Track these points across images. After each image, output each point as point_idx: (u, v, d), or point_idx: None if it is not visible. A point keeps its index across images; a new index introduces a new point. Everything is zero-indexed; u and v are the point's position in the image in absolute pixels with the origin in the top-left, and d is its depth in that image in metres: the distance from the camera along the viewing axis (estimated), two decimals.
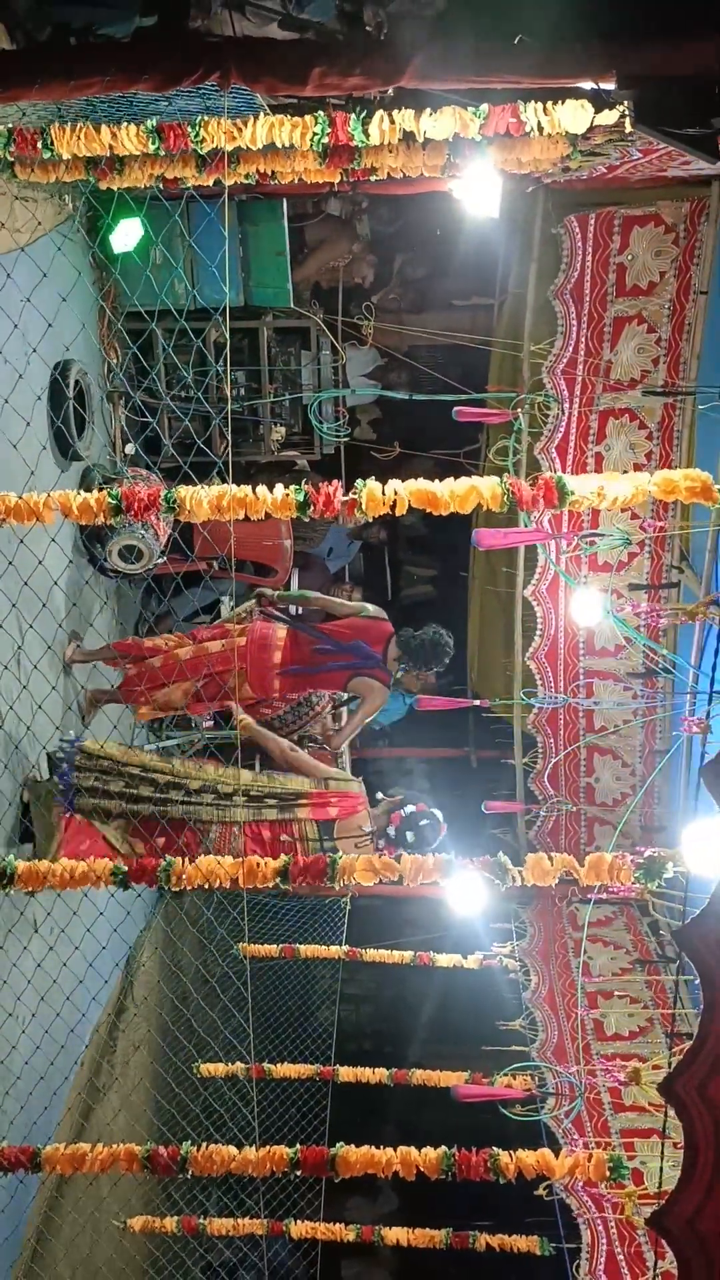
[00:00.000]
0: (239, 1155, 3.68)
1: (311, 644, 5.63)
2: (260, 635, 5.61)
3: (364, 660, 5.59)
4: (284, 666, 5.58)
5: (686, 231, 6.18)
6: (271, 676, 5.58)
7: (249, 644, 5.56)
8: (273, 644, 5.59)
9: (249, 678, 5.54)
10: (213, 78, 3.05)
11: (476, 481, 3.13)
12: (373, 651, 5.61)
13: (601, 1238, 4.44)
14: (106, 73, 3.02)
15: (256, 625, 5.69)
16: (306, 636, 5.65)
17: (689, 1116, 2.38)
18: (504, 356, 7.01)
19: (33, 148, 3.42)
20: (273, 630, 5.65)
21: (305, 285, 8.30)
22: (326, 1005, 6.89)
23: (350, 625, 5.72)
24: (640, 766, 7.11)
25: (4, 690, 4.70)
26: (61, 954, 4.81)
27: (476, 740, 8.43)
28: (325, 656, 5.62)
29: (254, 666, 5.55)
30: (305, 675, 5.66)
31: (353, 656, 5.60)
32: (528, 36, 2.89)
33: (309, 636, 5.65)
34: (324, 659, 5.62)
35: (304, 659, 5.63)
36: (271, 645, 5.59)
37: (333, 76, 2.99)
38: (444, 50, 2.97)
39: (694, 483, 3.04)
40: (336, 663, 5.61)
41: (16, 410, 4.72)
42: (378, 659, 5.61)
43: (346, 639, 5.64)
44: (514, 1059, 5.22)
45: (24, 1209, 4.81)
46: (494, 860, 3.37)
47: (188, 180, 4.25)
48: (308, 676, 5.68)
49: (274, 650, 5.58)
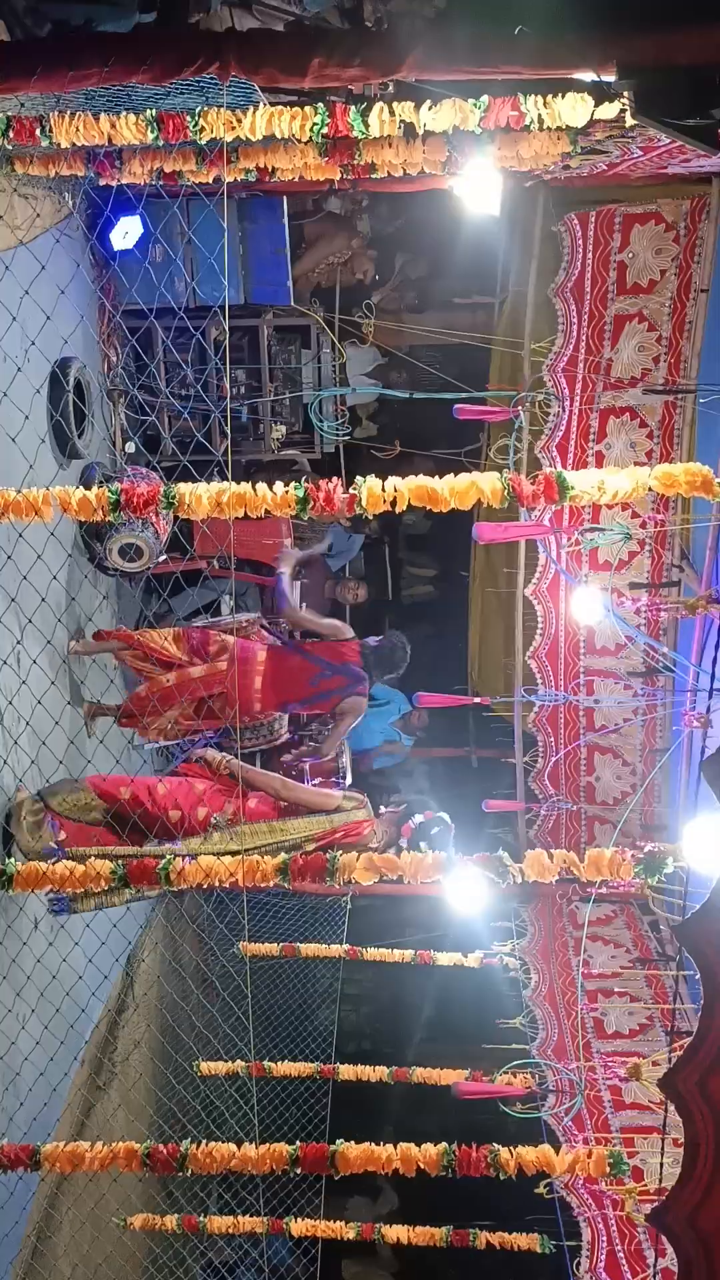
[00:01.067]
0: (239, 1153, 3.68)
1: (308, 673, 5.66)
2: (241, 658, 5.62)
3: (356, 682, 5.68)
4: (266, 691, 5.61)
5: (687, 229, 6.18)
6: (252, 699, 5.62)
7: (230, 669, 5.57)
8: (253, 669, 5.62)
9: (229, 698, 5.54)
10: (212, 69, 3.04)
11: (477, 477, 3.12)
12: (360, 672, 5.70)
13: (601, 1235, 4.43)
14: (105, 64, 3.01)
15: (240, 646, 5.68)
16: (300, 662, 5.67)
17: (689, 1113, 2.38)
18: (504, 355, 7.00)
19: (31, 136, 3.41)
20: (254, 653, 5.67)
21: (306, 283, 8.30)
22: (327, 1004, 6.89)
23: (331, 648, 5.76)
24: (640, 765, 7.10)
25: (3, 686, 4.70)
26: (62, 950, 4.81)
27: (477, 739, 8.43)
28: (323, 684, 5.68)
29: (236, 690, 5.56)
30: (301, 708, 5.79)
31: (347, 680, 5.68)
32: (527, 27, 2.88)
33: (304, 662, 5.66)
34: (322, 686, 5.68)
35: (297, 688, 5.67)
36: (252, 670, 5.62)
37: (332, 67, 2.98)
38: (443, 41, 2.96)
39: (694, 477, 3.03)
40: (332, 690, 5.68)
41: (16, 406, 4.71)
42: (364, 678, 5.71)
43: (338, 661, 5.69)
44: (514, 1057, 5.21)
45: (24, 1206, 4.80)
46: (494, 857, 3.37)
47: (187, 176, 4.26)
48: (304, 709, 5.81)
49: (254, 676, 5.62)
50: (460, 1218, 5.24)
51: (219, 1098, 5.81)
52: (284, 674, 5.66)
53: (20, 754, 4.90)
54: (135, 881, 3.61)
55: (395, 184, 5.73)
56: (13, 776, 4.81)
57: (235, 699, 5.50)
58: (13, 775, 4.81)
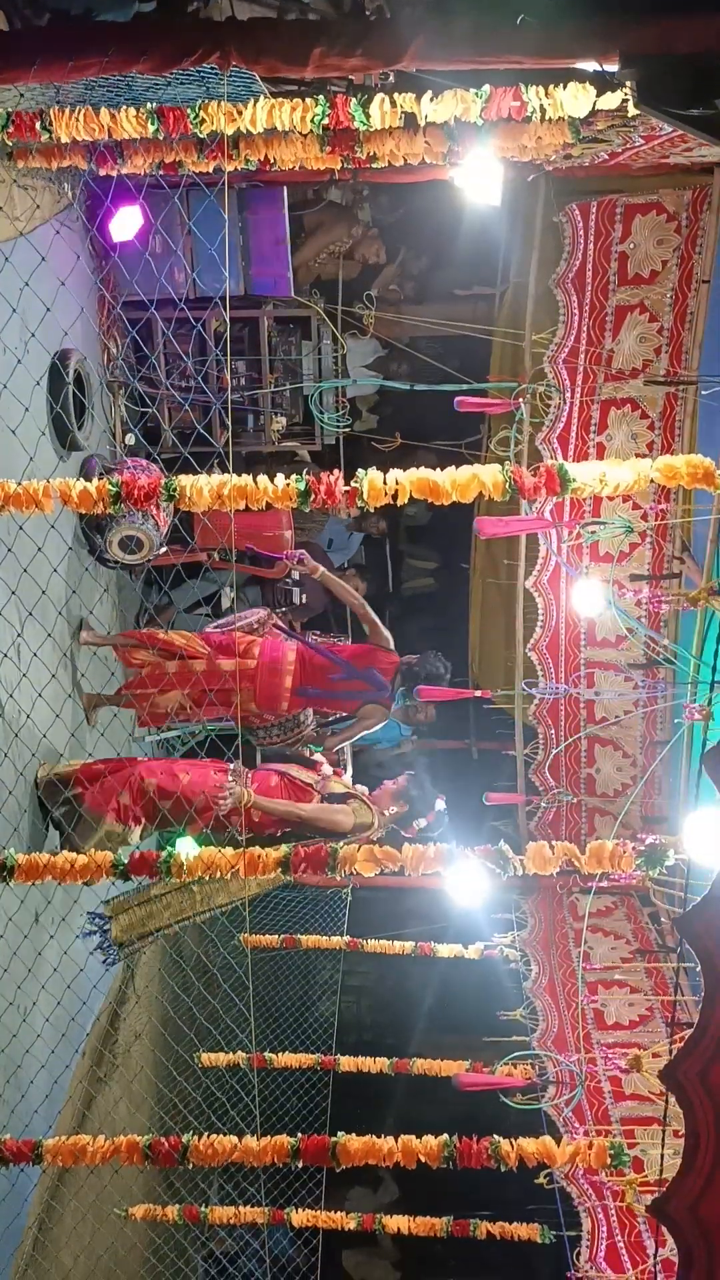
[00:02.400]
0: (240, 1145, 3.68)
1: (328, 671, 5.68)
2: (270, 659, 5.66)
3: (378, 690, 5.69)
4: (295, 688, 5.64)
5: (689, 220, 6.16)
6: (282, 698, 5.64)
7: (259, 667, 5.62)
8: (283, 668, 5.64)
9: (256, 696, 5.60)
10: (212, 59, 3.03)
11: (478, 470, 3.11)
12: (384, 681, 5.70)
13: (602, 1225, 4.44)
14: (105, 54, 3.00)
15: (267, 645, 5.72)
16: (322, 661, 5.70)
17: (690, 1104, 2.38)
18: (505, 346, 6.98)
19: (31, 131, 3.40)
20: (283, 653, 5.68)
21: (307, 274, 8.28)
22: (328, 995, 6.90)
23: (363, 653, 5.78)
24: (641, 757, 7.10)
25: (4, 680, 4.70)
26: (63, 942, 4.81)
27: (477, 732, 8.42)
28: (343, 684, 5.69)
29: (263, 689, 5.61)
30: (320, 699, 5.75)
31: (367, 685, 5.68)
32: (529, 16, 2.86)
33: (326, 662, 5.69)
34: (341, 686, 5.69)
35: (319, 684, 5.69)
36: (282, 670, 5.64)
37: (333, 57, 2.96)
38: (445, 31, 2.95)
39: (696, 469, 3.03)
40: (352, 691, 5.70)
41: (16, 398, 4.70)
42: (388, 689, 5.70)
43: (361, 666, 5.69)
44: (515, 1048, 5.22)
45: (26, 1197, 4.82)
46: (495, 849, 3.36)
47: (187, 166, 4.24)
48: (323, 700, 5.77)
49: (284, 675, 5.63)
50: (461, 1208, 5.26)
51: (220, 1089, 5.83)
52: (310, 671, 5.68)
53: (21, 747, 4.90)
54: (136, 874, 3.61)
55: (396, 174, 5.72)
56: (14, 770, 4.81)
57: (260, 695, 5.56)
58: (14, 769, 4.80)
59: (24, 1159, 3.76)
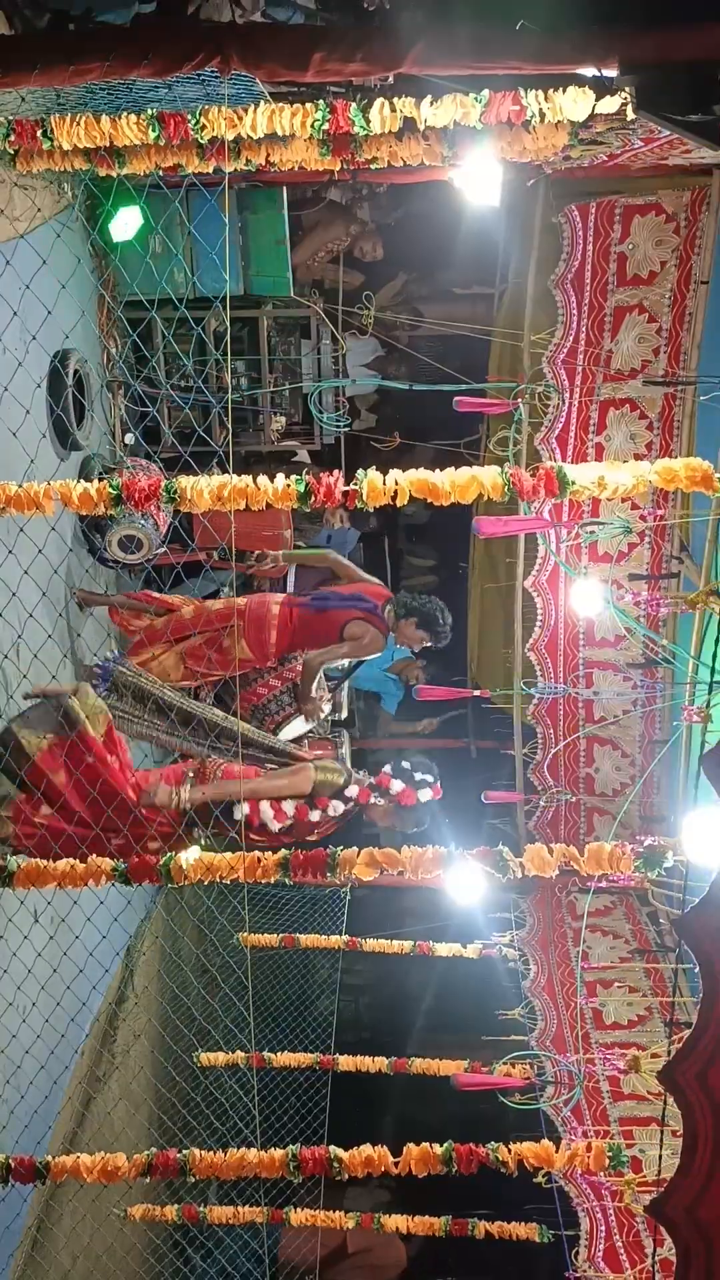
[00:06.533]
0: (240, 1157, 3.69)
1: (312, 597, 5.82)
2: (259, 598, 5.87)
3: (366, 606, 5.72)
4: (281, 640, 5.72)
5: (687, 220, 6.17)
6: (269, 632, 5.67)
7: (249, 601, 5.78)
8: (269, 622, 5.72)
9: (246, 634, 5.66)
10: (213, 63, 3.03)
11: (477, 471, 3.12)
12: (372, 602, 5.75)
13: (600, 1225, 4.46)
14: (106, 58, 3.00)
15: (254, 599, 5.90)
16: (305, 598, 5.84)
17: (688, 1104, 2.39)
18: (504, 346, 6.99)
19: (32, 138, 3.41)
20: (268, 605, 5.80)
21: (306, 274, 8.28)
22: (326, 994, 6.91)
23: (352, 589, 5.87)
24: (640, 757, 7.11)
25: (4, 680, 4.70)
26: (62, 943, 4.82)
27: (476, 731, 8.43)
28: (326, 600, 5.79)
29: (252, 622, 5.68)
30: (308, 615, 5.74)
31: (355, 603, 5.74)
32: (529, 22, 2.87)
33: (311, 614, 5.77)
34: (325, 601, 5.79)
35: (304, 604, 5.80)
36: (268, 603, 5.78)
37: (333, 62, 2.97)
38: (445, 37, 2.96)
39: (694, 472, 3.04)
40: (339, 601, 5.75)
41: (16, 398, 4.71)
42: (377, 607, 5.73)
43: (347, 592, 5.79)
44: (513, 1048, 5.23)
45: (25, 1197, 4.82)
46: (494, 851, 3.37)
47: (187, 168, 4.23)
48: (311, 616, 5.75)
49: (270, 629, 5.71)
50: (459, 1207, 5.27)
51: (219, 1089, 5.83)
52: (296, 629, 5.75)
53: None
54: (136, 879, 3.61)
55: (395, 175, 5.73)
56: None
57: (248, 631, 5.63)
58: None
59: (29, 1179, 3.75)
